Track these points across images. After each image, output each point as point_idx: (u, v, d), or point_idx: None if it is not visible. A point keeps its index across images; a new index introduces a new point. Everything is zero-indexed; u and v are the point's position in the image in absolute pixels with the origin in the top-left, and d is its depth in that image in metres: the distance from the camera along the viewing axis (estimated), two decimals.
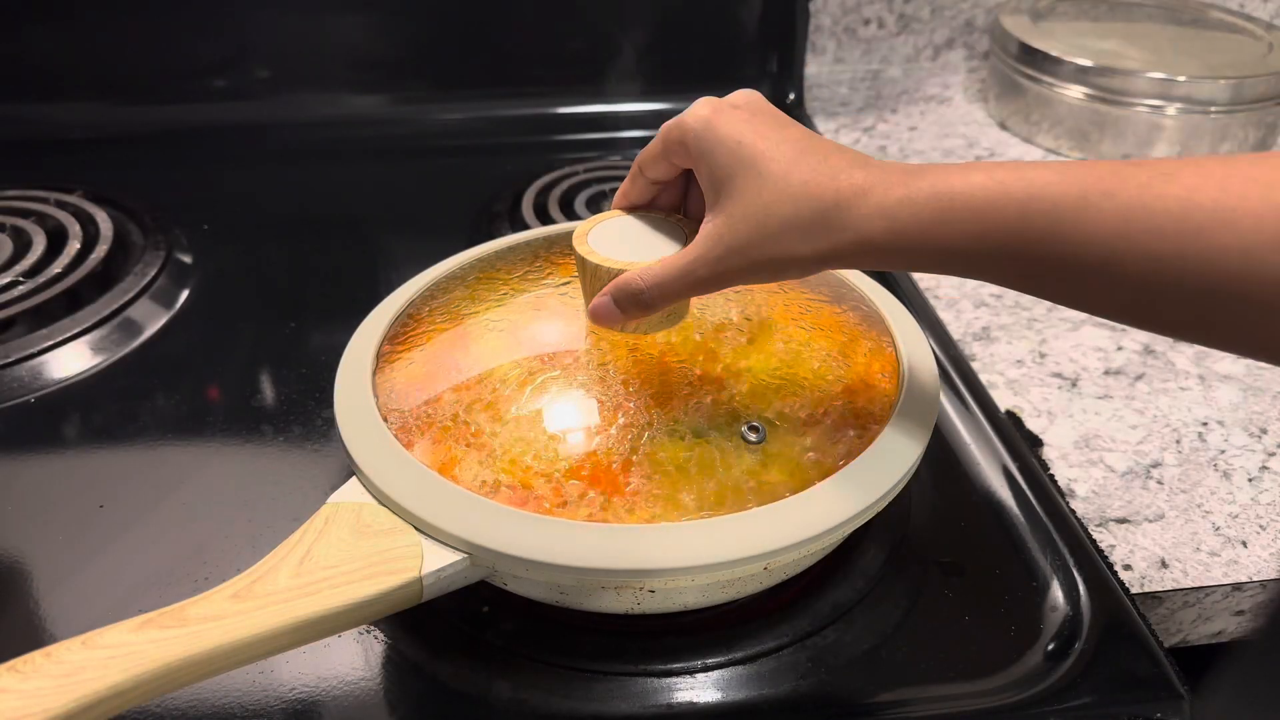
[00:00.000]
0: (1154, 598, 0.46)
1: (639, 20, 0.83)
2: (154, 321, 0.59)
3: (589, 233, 0.41)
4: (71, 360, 0.56)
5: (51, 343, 0.56)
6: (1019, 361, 0.60)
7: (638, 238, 0.41)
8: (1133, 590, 0.45)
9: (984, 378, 0.57)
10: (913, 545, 0.45)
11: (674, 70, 0.85)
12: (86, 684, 0.29)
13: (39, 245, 0.63)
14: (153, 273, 0.62)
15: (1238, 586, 0.46)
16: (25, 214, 0.66)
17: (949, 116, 0.93)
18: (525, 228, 0.67)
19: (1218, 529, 0.49)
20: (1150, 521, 0.49)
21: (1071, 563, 0.44)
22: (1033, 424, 0.55)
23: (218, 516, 0.46)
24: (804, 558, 0.38)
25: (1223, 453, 0.53)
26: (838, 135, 0.89)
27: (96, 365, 0.56)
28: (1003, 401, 0.56)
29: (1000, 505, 0.47)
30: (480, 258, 0.51)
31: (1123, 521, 0.49)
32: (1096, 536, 0.47)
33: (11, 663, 0.29)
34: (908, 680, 0.39)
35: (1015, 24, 0.89)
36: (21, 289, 0.59)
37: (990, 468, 0.49)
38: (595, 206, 0.71)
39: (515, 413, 0.40)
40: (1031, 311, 0.64)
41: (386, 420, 0.41)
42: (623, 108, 0.85)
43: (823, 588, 0.42)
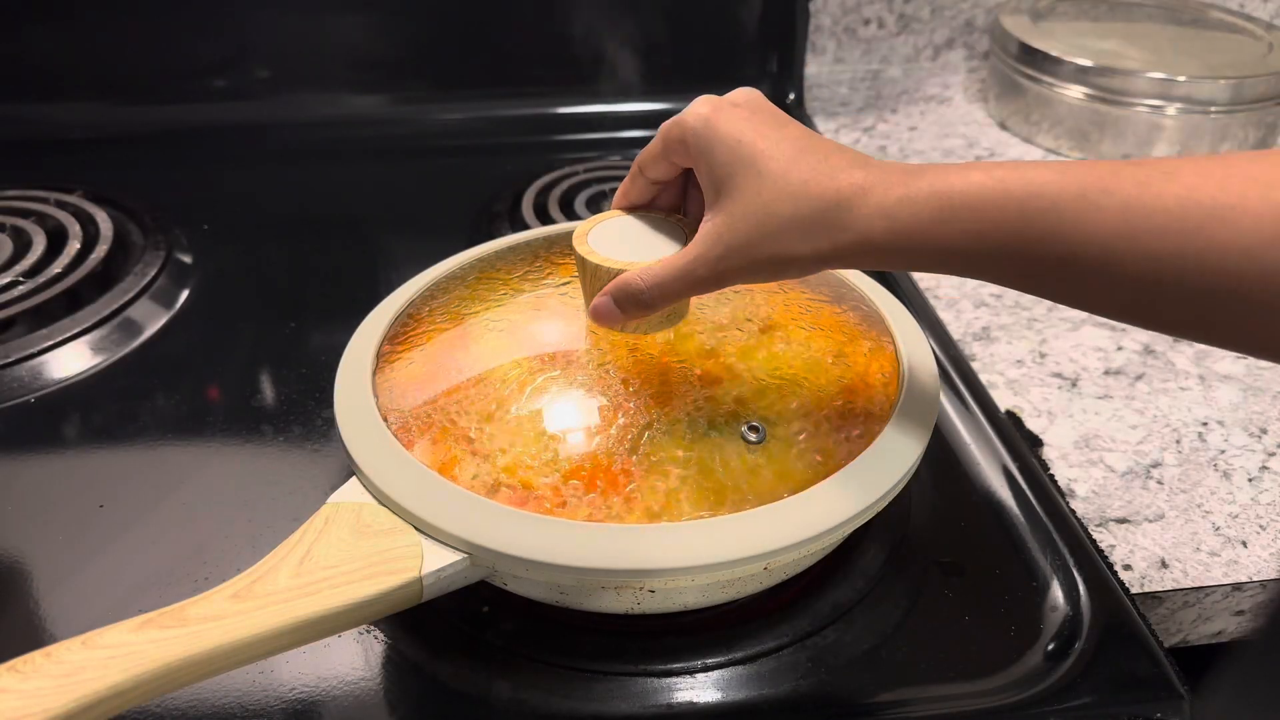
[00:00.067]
0: (1154, 598, 0.46)
1: (639, 20, 0.83)
2: (154, 321, 0.59)
3: (589, 233, 0.41)
4: (71, 360, 0.56)
5: (51, 343, 0.56)
6: (1019, 361, 0.60)
7: (637, 237, 0.41)
8: (1133, 590, 0.45)
9: (984, 378, 0.57)
10: (913, 545, 0.45)
11: (674, 70, 0.85)
12: (86, 684, 0.29)
13: (39, 245, 0.63)
14: (153, 273, 0.62)
15: (1238, 586, 0.46)
16: (25, 214, 0.66)
17: (949, 116, 0.93)
18: (525, 228, 0.67)
19: (1218, 529, 0.49)
20: (1150, 521, 0.49)
21: (1071, 563, 0.44)
22: (1033, 424, 0.55)
23: (218, 516, 0.46)
24: (804, 558, 0.38)
25: (1223, 453, 0.53)
26: (838, 135, 0.89)
27: (96, 365, 0.56)
28: (1003, 401, 0.56)
29: (1000, 505, 0.47)
30: (480, 257, 0.51)
31: (1123, 521, 0.49)
32: (1096, 536, 0.47)
33: (11, 663, 0.29)
34: (908, 680, 0.39)
35: (1015, 24, 0.89)
36: (21, 289, 0.59)
37: (990, 468, 0.49)
38: (595, 206, 0.71)
39: (515, 413, 0.40)
40: (1031, 311, 0.64)
41: (386, 420, 0.41)
42: (623, 108, 0.85)
43: (823, 588, 0.42)
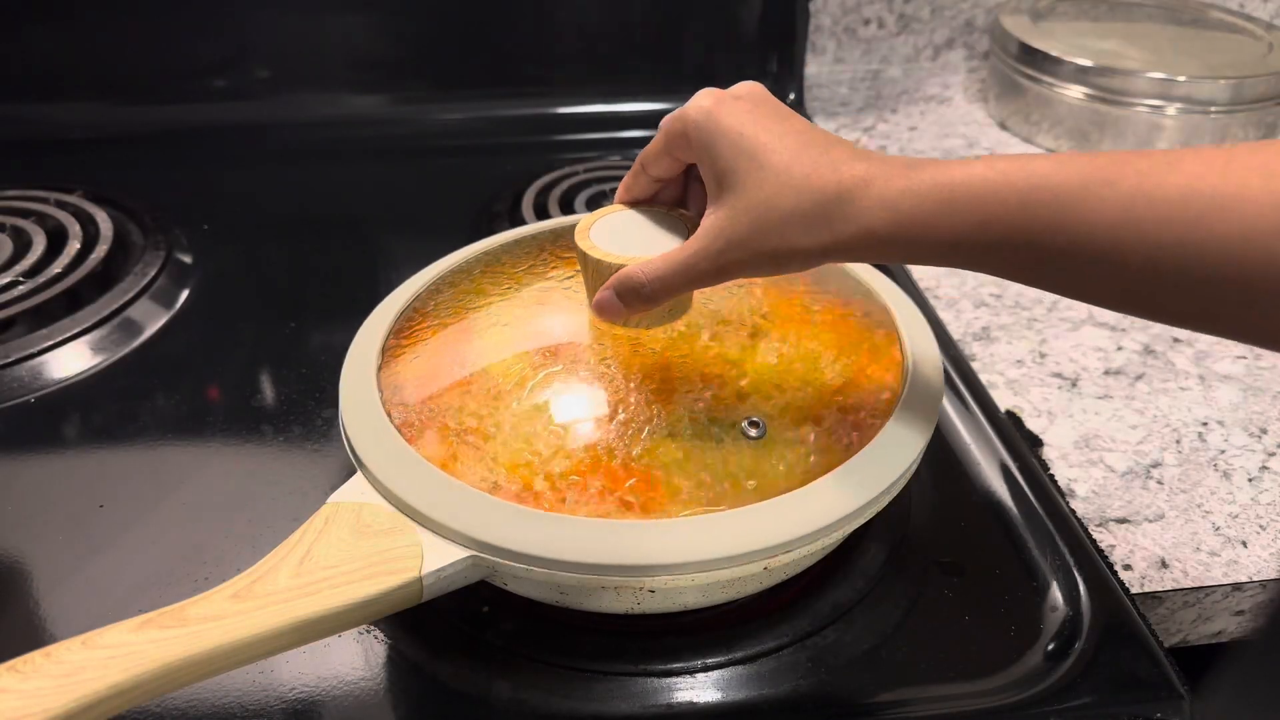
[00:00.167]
0: (1154, 598, 0.46)
1: (639, 20, 0.83)
2: (154, 321, 0.59)
3: (591, 228, 0.41)
4: (71, 360, 0.56)
5: (51, 343, 0.56)
6: (1019, 361, 0.60)
7: (640, 232, 0.41)
8: (1133, 590, 0.45)
9: (984, 378, 0.57)
10: (913, 545, 0.45)
11: (674, 70, 0.85)
12: (86, 684, 0.29)
13: (39, 245, 0.63)
14: (153, 273, 0.62)
15: (1238, 586, 0.46)
16: (25, 214, 0.66)
17: (949, 116, 0.93)
18: None
19: (1218, 529, 0.49)
20: (1150, 521, 0.49)
21: (1071, 563, 0.44)
22: (1033, 424, 0.55)
23: (218, 516, 0.46)
24: (804, 557, 0.38)
25: (1223, 453, 0.53)
26: (838, 135, 0.89)
27: (96, 365, 0.56)
28: (1003, 401, 0.56)
29: (1000, 505, 0.47)
30: (486, 251, 0.51)
31: (1123, 521, 0.49)
32: (1096, 536, 0.47)
33: (11, 663, 0.29)
34: (908, 680, 0.39)
35: (1015, 24, 0.89)
36: (21, 289, 0.59)
37: (990, 468, 0.49)
38: (595, 206, 0.71)
39: (517, 409, 0.40)
40: (1031, 311, 0.64)
41: (390, 415, 0.41)
42: (623, 108, 0.85)
43: (823, 588, 0.42)
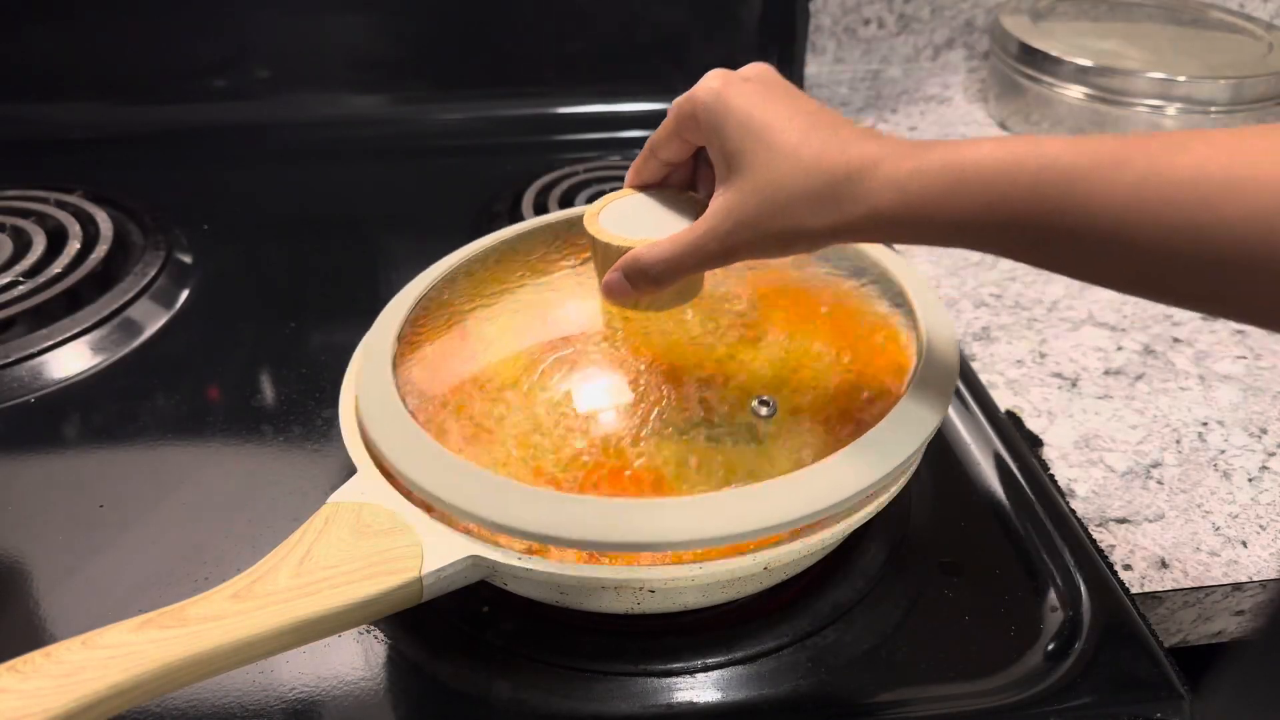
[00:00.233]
0: (1154, 598, 0.46)
1: (639, 20, 0.83)
2: (154, 321, 0.59)
3: (600, 212, 0.41)
4: (71, 360, 0.56)
5: (51, 343, 0.56)
6: (1019, 361, 0.60)
7: (650, 215, 0.41)
8: (1133, 590, 0.45)
9: (984, 378, 0.57)
10: (913, 545, 0.45)
11: (674, 70, 0.85)
12: (86, 684, 0.29)
13: (39, 245, 0.63)
14: (153, 273, 0.62)
15: (1238, 586, 0.46)
16: (25, 214, 0.66)
17: (949, 116, 0.93)
18: None
19: (1218, 529, 0.49)
20: (1150, 521, 0.49)
21: (1071, 563, 0.44)
22: (1033, 424, 0.55)
23: (218, 516, 0.46)
24: (805, 556, 0.38)
25: (1223, 453, 0.53)
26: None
27: (96, 365, 0.56)
28: (1003, 401, 0.56)
29: (1000, 505, 0.47)
30: (503, 240, 0.51)
31: (1123, 521, 0.49)
32: (1096, 536, 0.47)
33: (11, 663, 0.29)
34: (908, 680, 0.39)
35: (1015, 24, 0.89)
36: (21, 289, 0.59)
37: (990, 468, 0.49)
38: None
39: (525, 397, 0.40)
40: (1031, 311, 0.64)
41: (404, 401, 0.41)
42: (623, 108, 0.85)
43: (823, 588, 0.42)
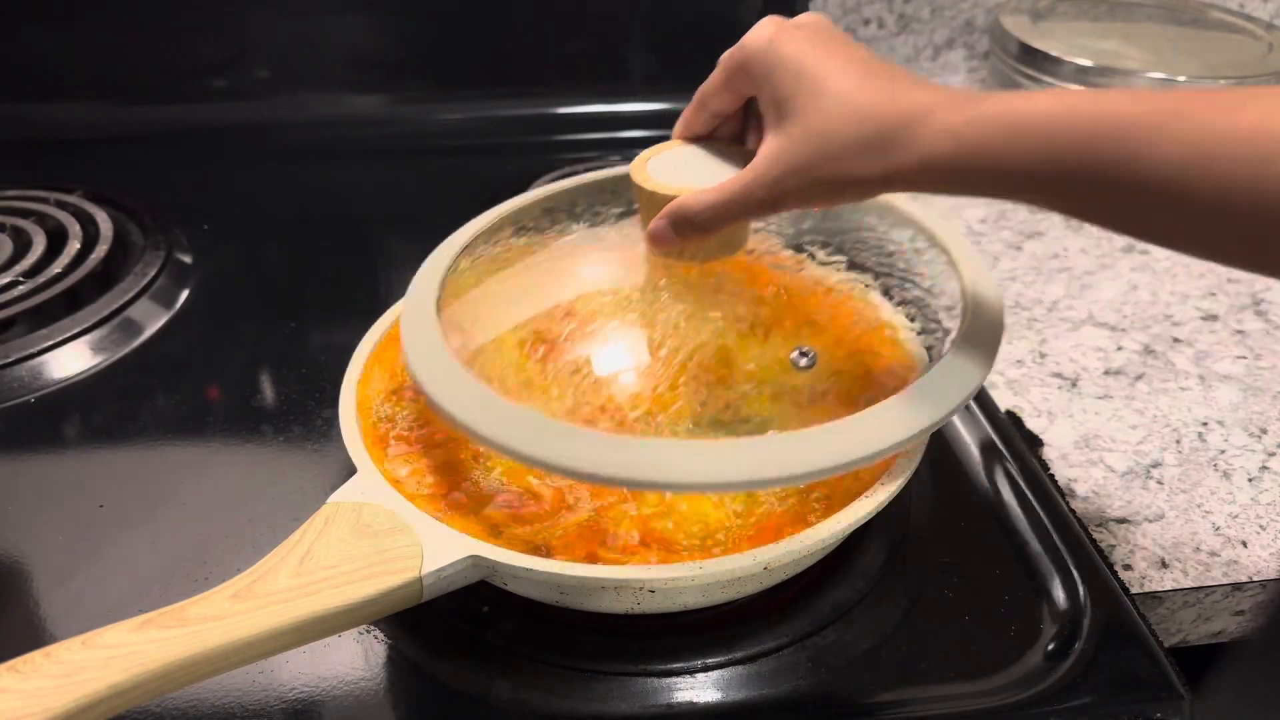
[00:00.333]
0: (1154, 598, 0.46)
1: (639, 20, 0.83)
2: (154, 321, 0.59)
3: (648, 161, 0.41)
4: (71, 360, 0.56)
5: (51, 343, 0.56)
6: (1019, 361, 0.60)
7: (698, 165, 0.40)
8: (1133, 590, 0.45)
9: None
10: (913, 545, 0.45)
11: (674, 70, 0.85)
12: (86, 684, 0.29)
13: (39, 245, 0.63)
14: (153, 273, 0.62)
15: (1238, 586, 0.46)
16: (25, 214, 0.66)
17: None
18: None
19: (1218, 529, 0.49)
20: (1150, 521, 0.49)
21: (1071, 563, 0.44)
22: (1033, 424, 0.55)
23: (218, 516, 0.46)
24: (805, 556, 0.38)
25: (1223, 453, 0.53)
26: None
27: (96, 365, 0.56)
28: (1003, 401, 0.56)
29: (1000, 505, 0.47)
30: (550, 194, 0.50)
31: (1123, 521, 0.49)
32: (1096, 536, 0.47)
33: (11, 663, 0.29)
34: (908, 680, 0.39)
35: (1015, 24, 0.89)
36: (21, 289, 0.59)
37: (990, 468, 0.49)
38: None
39: (567, 346, 0.41)
40: (1031, 311, 0.64)
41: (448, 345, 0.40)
42: (623, 108, 0.85)
43: (823, 588, 0.42)
